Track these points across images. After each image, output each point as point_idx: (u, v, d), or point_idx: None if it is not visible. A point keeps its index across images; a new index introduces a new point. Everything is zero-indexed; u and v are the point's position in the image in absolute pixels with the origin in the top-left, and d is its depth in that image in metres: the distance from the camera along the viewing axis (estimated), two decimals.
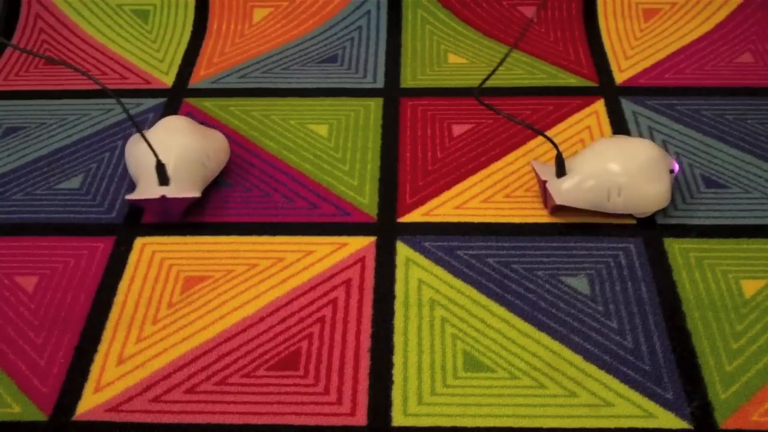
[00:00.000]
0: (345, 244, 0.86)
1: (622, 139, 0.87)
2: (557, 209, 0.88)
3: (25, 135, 1.03)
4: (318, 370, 0.75)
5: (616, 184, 0.84)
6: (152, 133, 0.90)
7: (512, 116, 0.87)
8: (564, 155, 0.96)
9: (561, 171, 0.86)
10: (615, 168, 0.84)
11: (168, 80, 1.11)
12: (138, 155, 0.89)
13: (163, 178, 0.86)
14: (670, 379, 0.73)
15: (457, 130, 1.01)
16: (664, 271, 0.83)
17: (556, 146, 0.84)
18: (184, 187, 0.86)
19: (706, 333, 0.77)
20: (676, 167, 0.88)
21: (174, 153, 0.87)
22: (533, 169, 0.89)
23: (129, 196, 0.86)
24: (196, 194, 0.86)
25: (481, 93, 1.06)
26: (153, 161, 0.87)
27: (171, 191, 0.85)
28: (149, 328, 0.79)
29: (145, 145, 0.88)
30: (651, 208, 0.86)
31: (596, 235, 0.86)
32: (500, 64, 0.83)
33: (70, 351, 0.77)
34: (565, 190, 0.85)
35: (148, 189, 0.86)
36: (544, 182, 0.86)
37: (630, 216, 0.88)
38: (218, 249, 0.86)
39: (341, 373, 0.74)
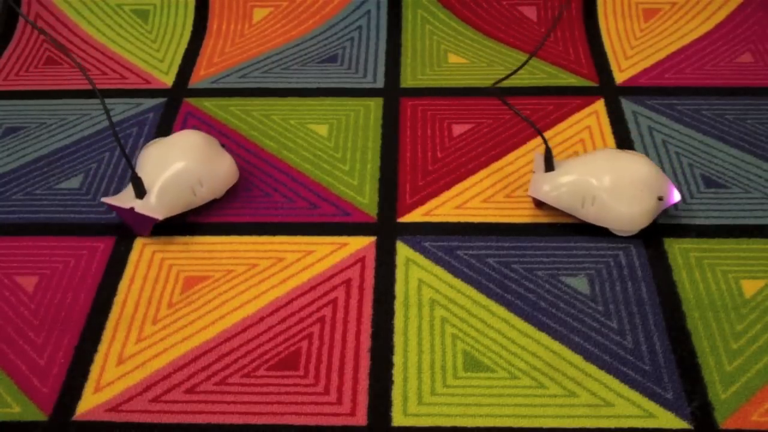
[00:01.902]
0: (345, 244, 0.86)
1: (619, 153, 0.86)
2: (538, 204, 0.89)
3: (25, 135, 1.03)
4: (318, 370, 0.75)
5: (591, 194, 0.84)
6: (161, 144, 0.90)
7: (528, 119, 0.86)
8: (563, 156, 0.96)
9: (549, 166, 0.87)
10: (596, 178, 0.84)
11: (168, 80, 1.11)
12: (140, 160, 0.89)
13: (138, 191, 0.85)
14: (670, 379, 0.73)
15: (457, 130, 1.01)
16: (664, 271, 0.83)
17: (545, 141, 0.85)
18: (156, 207, 0.85)
19: (706, 333, 0.77)
20: (673, 199, 0.84)
21: (166, 171, 0.86)
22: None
23: (105, 199, 0.86)
24: (159, 217, 0.85)
25: (480, 93, 1.06)
26: (147, 170, 0.87)
27: (140, 206, 0.85)
28: (149, 328, 0.79)
29: (150, 152, 0.88)
30: (623, 227, 0.84)
31: (596, 235, 0.86)
32: (526, 62, 0.82)
33: (70, 351, 0.77)
34: (543, 186, 0.86)
35: (125, 196, 0.86)
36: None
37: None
38: (218, 249, 0.86)
39: (341, 373, 0.74)
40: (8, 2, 0.79)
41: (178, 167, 0.86)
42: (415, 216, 0.90)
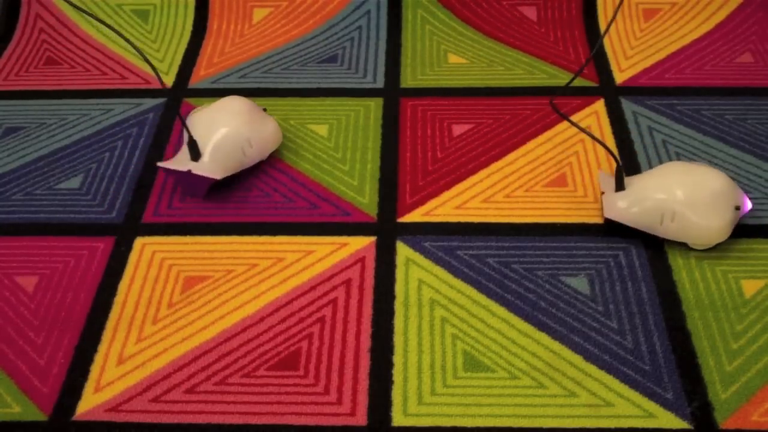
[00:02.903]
0: (345, 244, 0.86)
1: (692, 165, 0.84)
2: (610, 223, 0.86)
3: (25, 135, 1.03)
4: (318, 370, 0.75)
5: (670, 210, 0.81)
6: (208, 110, 0.93)
7: (589, 132, 0.85)
8: (573, 160, 0.96)
9: (619, 185, 0.85)
10: (673, 193, 0.81)
11: (168, 80, 1.11)
12: (190, 126, 0.92)
13: (194, 154, 0.88)
14: (670, 379, 0.73)
15: (457, 130, 1.01)
16: (664, 271, 0.83)
17: (617, 159, 0.83)
18: (212, 168, 0.88)
19: (706, 333, 0.77)
20: (747, 207, 0.84)
21: (217, 133, 0.89)
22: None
23: (160, 163, 0.89)
24: (217, 176, 0.88)
25: (480, 93, 1.06)
26: (197, 134, 0.90)
27: (197, 168, 0.88)
28: (149, 328, 0.79)
29: (199, 117, 0.92)
30: (705, 240, 0.83)
31: (596, 235, 0.86)
32: (581, 70, 0.80)
33: (70, 351, 0.77)
34: (618, 206, 0.83)
35: (180, 161, 0.89)
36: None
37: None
38: (218, 249, 0.86)
39: (341, 373, 0.74)
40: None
41: (228, 129, 0.90)
42: (415, 216, 0.90)
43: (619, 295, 0.80)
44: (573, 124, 0.81)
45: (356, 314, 0.79)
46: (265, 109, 0.96)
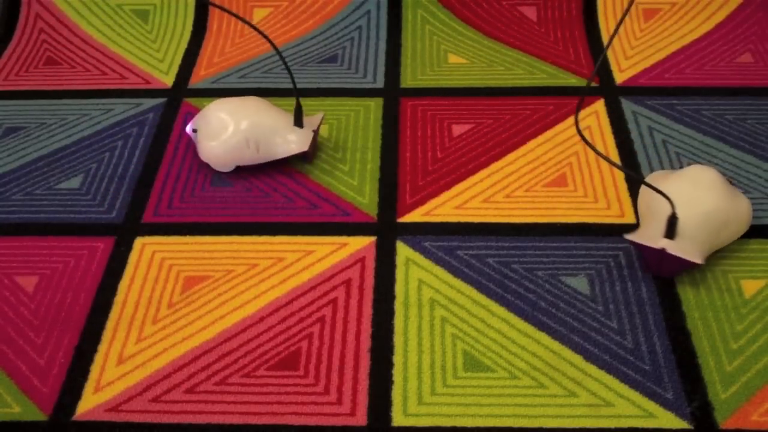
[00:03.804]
0: (345, 244, 0.86)
1: (682, 176, 0.82)
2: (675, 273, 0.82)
3: (25, 135, 1.03)
4: (318, 370, 0.75)
5: (722, 220, 0.80)
6: (223, 116, 0.93)
7: (619, 165, 0.79)
8: (573, 160, 0.96)
9: (672, 233, 0.78)
10: (715, 205, 0.80)
11: (168, 80, 1.11)
12: (247, 132, 0.92)
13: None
14: (670, 379, 0.73)
15: (457, 130, 1.01)
16: None
17: (671, 203, 0.77)
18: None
19: (706, 333, 0.77)
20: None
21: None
22: (633, 242, 0.80)
23: (301, 149, 0.92)
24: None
25: (480, 93, 1.06)
26: (269, 123, 0.92)
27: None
28: (149, 328, 0.79)
29: (232, 125, 0.92)
30: (748, 223, 0.84)
31: (596, 235, 0.86)
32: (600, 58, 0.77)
33: (70, 351, 0.77)
34: (691, 248, 0.78)
35: (300, 136, 0.93)
36: (662, 250, 0.78)
37: (631, 215, 0.88)
38: (218, 249, 0.86)
39: (341, 373, 0.74)
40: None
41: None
42: (415, 216, 0.90)
43: (619, 295, 0.80)
44: (605, 158, 0.75)
45: (356, 314, 0.79)
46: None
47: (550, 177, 0.94)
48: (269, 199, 0.92)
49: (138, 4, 1.22)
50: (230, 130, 0.91)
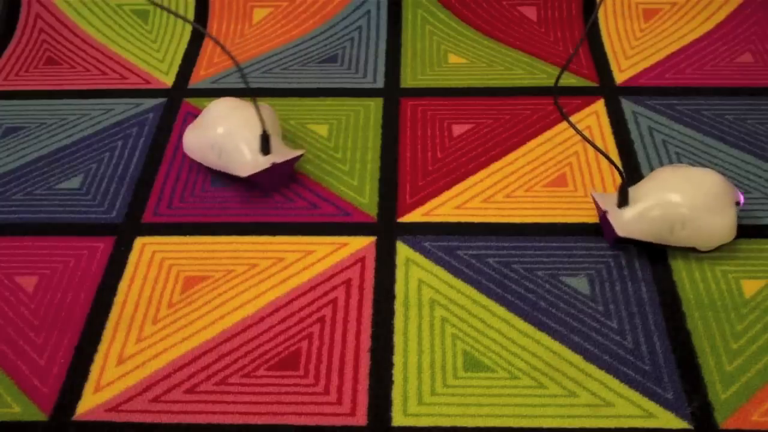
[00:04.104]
0: (345, 244, 0.86)
1: (685, 169, 0.83)
2: (618, 240, 0.85)
3: (25, 135, 1.03)
4: (318, 370, 0.75)
5: (680, 217, 0.80)
6: (215, 115, 0.92)
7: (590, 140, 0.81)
8: (573, 160, 0.96)
9: (624, 201, 0.82)
10: (679, 199, 0.80)
11: (168, 80, 1.11)
12: (217, 137, 0.90)
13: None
14: (670, 379, 0.73)
15: (457, 130, 1.01)
16: (664, 271, 0.83)
17: (621, 174, 0.80)
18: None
19: (706, 333, 0.77)
20: (742, 199, 0.84)
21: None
22: (593, 199, 0.85)
23: (243, 173, 0.88)
24: (301, 151, 0.91)
25: (480, 93, 1.06)
26: (242, 137, 0.89)
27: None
28: (149, 328, 0.79)
29: (216, 126, 0.91)
30: (715, 242, 0.82)
31: (596, 235, 0.86)
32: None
33: (70, 351, 0.77)
34: (627, 221, 0.81)
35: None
36: (605, 212, 0.82)
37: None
38: (218, 249, 0.86)
39: (341, 373, 0.74)
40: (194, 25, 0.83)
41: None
42: (415, 216, 0.90)
43: (619, 295, 0.80)
44: (585, 138, 0.78)
45: (356, 314, 0.79)
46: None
47: (550, 177, 0.94)
48: (269, 199, 0.92)
49: (138, 4, 1.22)
50: (209, 128, 0.91)
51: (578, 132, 0.77)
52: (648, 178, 0.85)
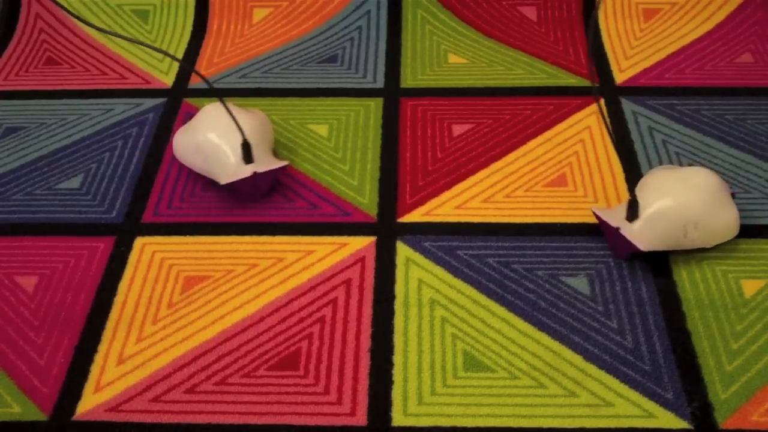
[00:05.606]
0: (345, 244, 0.86)
1: (677, 171, 0.83)
2: (634, 255, 0.83)
3: (25, 135, 1.03)
4: (318, 370, 0.75)
5: (692, 220, 0.80)
6: (203, 119, 0.91)
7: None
8: (573, 160, 0.96)
9: (634, 214, 0.80)
10: (687, 202, 0.80)
11: (168, 80, 1.11)
12: (203, 143, 0.89)
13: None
14: (670, 379, 0.73)
15: (457, 130, 1.01)
16: (664, 271, 0.83)
17: (632, 193, 0.79)
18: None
19: (706, 333, 0.77)
20: (732, 188, 0.84)
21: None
22: (596, 216, 0.83)
23: (223, 180, 0.87)
24: (284, 162, 0.90)
25: (480, 93, 1.06)
26: (227, 143, 0.88)
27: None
28: (149, 328, 0.79)
29: (203, 131, 0.90)
30: (726, 237, 0.82)
31: (596, 235, 0.86)
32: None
33: (70, 351, 0.77)
34: (644, 235, 0.79)
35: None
36: (617, 229, 0.80)
37: None
38: (218, 249, 0.86)
39: (341, 373, 0.74)
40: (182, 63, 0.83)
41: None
42: (415, 216, 0.90)
43: (619, 295, 0.80)
44: (615, 144, 0.76)
45: (356, 314, 0.79)
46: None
47: (550, 177, 0.94)
48: (269, 199, 0.92)
49: (138, 4, 1.22)
50: (196, 132, 0.91)
51: (611, 136, 0.76)
52: (642, 187, 0.83)
